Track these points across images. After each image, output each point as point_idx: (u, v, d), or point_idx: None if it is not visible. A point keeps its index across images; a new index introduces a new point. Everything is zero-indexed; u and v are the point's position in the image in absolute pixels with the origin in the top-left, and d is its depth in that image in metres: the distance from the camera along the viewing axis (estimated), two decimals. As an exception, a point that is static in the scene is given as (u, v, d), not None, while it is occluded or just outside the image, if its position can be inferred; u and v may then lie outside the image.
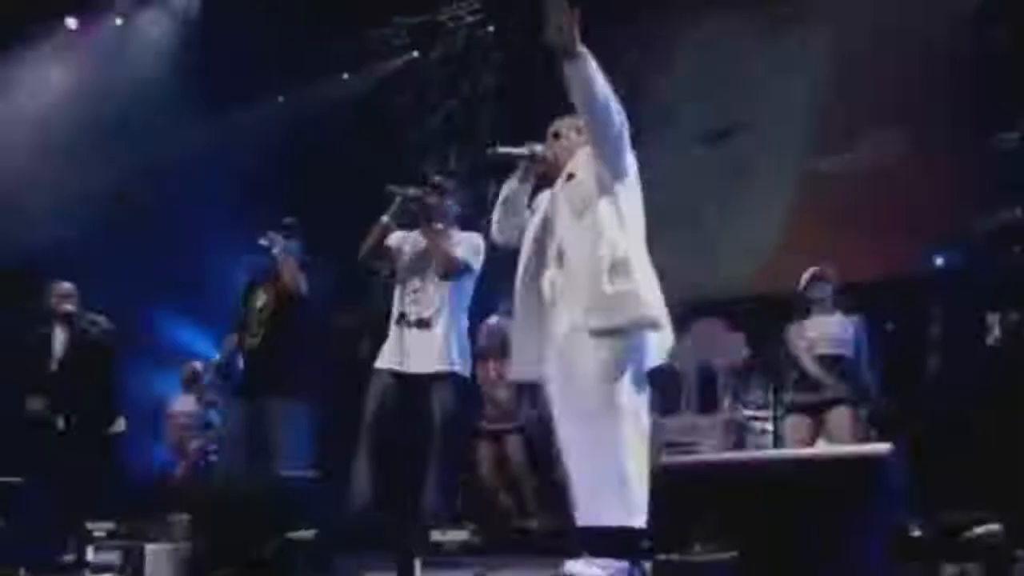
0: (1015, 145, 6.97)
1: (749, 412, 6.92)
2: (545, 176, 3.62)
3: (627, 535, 2.41)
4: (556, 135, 3.60)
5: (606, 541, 2.38)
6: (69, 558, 3.34)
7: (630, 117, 3.31)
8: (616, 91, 3.25)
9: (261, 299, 5.37)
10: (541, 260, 3.43)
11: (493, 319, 6.17)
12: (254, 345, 5.32)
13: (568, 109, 3.43)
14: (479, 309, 5.33)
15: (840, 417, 5.38)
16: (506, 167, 3.73)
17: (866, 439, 5.45)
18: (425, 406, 4.54)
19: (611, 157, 3.32)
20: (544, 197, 3.60)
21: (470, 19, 9.24)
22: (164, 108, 8.22)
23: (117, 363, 6.20)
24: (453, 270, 4.71)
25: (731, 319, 7.31)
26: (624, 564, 2.66)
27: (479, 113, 9.13)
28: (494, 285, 5.10)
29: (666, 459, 2.80)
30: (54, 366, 5.91)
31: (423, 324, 4.65)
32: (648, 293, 3.23)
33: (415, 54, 9.49)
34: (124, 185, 7.91)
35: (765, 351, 6.65)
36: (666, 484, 2.19)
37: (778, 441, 6.51)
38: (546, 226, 3.46)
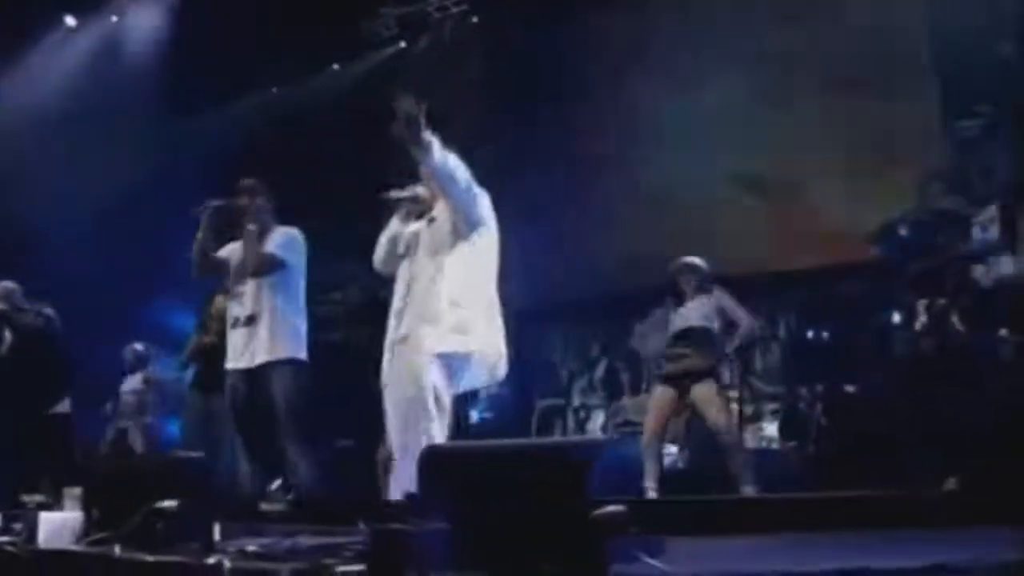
0: (975, 133, 7.02)
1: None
2: (423, 214, 3.97)
3: (400, 506, 2.72)
4: None
5: (381, 510, 2.68)
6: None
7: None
8: None
9: (216, 303, 5.73)
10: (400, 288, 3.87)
11: None
12: (210, 343, 5.68)
13: None
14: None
15: (702, 389, 5.75)
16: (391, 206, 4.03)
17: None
18: (270, 395, 4.75)
19: (463, 210, 3.76)
20: (412, 230, 3.97)
21: (455, 10, 9.47)
22: (155, 102, 8.57)
23: (61, 349, 6.48)
24: (264, 266, 4.84)
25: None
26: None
27: (465, 103, 9.34)
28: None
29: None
30: None
31: (249, 322, 4.82)
32: (479, 328, 3.68)
33: (402, 44, 9.77)
34: (118, 180, 8.28)
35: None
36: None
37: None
38: (407, 259, 3.90)
